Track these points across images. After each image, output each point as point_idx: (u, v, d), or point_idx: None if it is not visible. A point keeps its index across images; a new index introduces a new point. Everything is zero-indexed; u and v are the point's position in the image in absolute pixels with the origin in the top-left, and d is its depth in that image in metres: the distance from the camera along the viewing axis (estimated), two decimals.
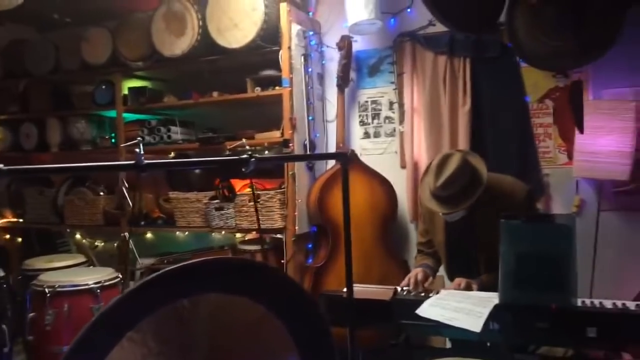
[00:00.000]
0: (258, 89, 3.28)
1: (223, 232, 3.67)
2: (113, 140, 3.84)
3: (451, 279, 2.47)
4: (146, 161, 1.32)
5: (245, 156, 1.42)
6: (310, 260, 3.39)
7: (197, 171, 3.63)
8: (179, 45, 3.25)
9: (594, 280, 2.89)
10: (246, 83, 3.31)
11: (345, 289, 2.30)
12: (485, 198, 2.24)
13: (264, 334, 1.56)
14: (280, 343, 1.57)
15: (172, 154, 3.71)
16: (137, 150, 1.32)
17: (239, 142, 1.24)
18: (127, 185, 3.57)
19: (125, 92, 3.71)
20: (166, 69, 3.55)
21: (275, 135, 3.26)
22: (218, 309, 1.51)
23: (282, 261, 3.27)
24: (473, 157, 2.33)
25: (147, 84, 3.76)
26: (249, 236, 3.66)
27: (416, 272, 2.41)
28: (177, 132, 3.53)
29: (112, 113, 3.74)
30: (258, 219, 1.82)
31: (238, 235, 3.68)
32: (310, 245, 3.47)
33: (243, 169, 1.44)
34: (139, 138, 3.47)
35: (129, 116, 3.80)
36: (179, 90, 3.61)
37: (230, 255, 3.54)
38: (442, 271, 2.64)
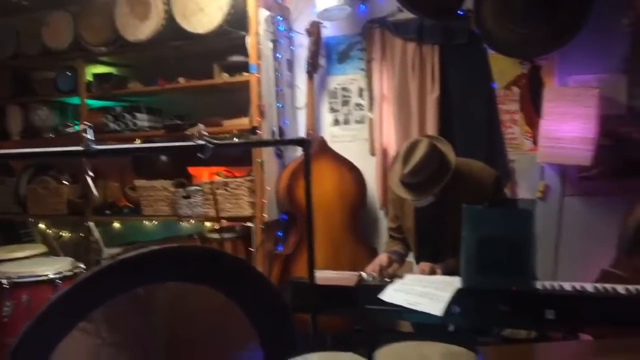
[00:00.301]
0: (225, 75, 3.23)
1: (192, 221, 3.63)
2: (77, 127, 3.73)
3: (419, 261, 2.49)
4: (97, 147, 1.28)
5: (201, 142, 1.38)
6: (281, 248, 3.37)
7: (163, 159, 3.56)
8: (143, 30, 3.17)
9: (557, 264, 2.94)
10: (213, 69, 3.25)
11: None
12: (453, 183, 2.25)
13: (225, 322, 1.55)
14: (241, 330, 1.56)
15: (138, 141, 3.64)
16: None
17: (196, 128, 1.21)
18: (91, 174, 3.47)
19: (89, 78, 3.61)
20: (131, 55, 3.46)
21: (243, 122, 3.22)
22: (176, 297, 1.49)
23: (251, 249, 3.25)
24: (441, 142, 2.34)
25: (112, 70, 3.66)
26: (218, 225, 3.62)
27: (380, 259, 2.41)
28: (143, 119, 3.46)
29: (76, 100, 3.64)
30: (217, 208, 1.78)
31: (207, 224, 3.64)
32: (280, 233, 3.45)
33: (200, 155, 1.41)
34: (108, 124, 3.39)
35: (93, 103, 3.70)
36: (145, 76, 3.52)
37: (198, 244, 3.49)
38: (411, 257, 2.65)
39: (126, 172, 3.79)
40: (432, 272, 2.26)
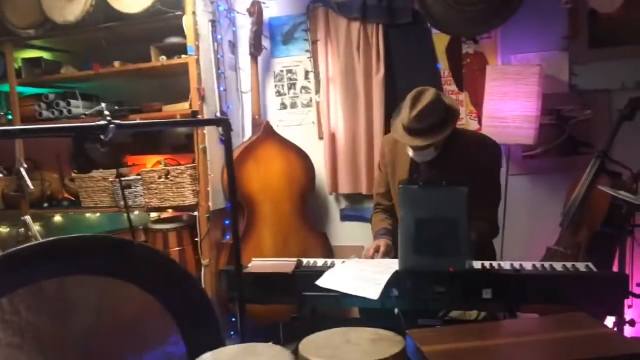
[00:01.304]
0: (163, 57, 3.09)
1: (136, 212, 3.49)
2: (10, 117, 3.53)
3: None
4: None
5: (102, 122, 1.27)
6: (228, 237, 3.28)
7: (102, 149, 3.39)
8: (71, 10, 2.99)
9: (503, 243, 2.95)
10: (150, 52, 3.11)
11: (250, 264, 2.23)
12: (457, 143, 2.22)
13: (140, 315, 1.45)
14: (159, 323, 1.47)
15: None
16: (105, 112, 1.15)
17: (97, 107, 1.10)
18: (25, 165, 3.30)
19: (19, 63, 3.40)
20: (61, 38, 3.27)
21: (183, 107, 3.09)
22: (85, 291, 1.38)
23: (196, 239, 3.15)
24: (444, 95, 2.29)
25: (43, 55, 3.46)
26: (164, 215, 3.50)
27: (378, 245, 2.29)
28: (78, 106, 3.29)
29: (5, 87, 3.43)
30: (124, 196, 1.67)
31: (153, 214, 3.51)
32: (227, 222, 3.36)
33: (102, 137, 1.30)
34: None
35: (24, 90, 3.50)
36: (79, 60, 3.35)
37: (142, 236, 3.37)
38: None
39: (64, 163, 3.61)
40: (387, 250, 2.22)
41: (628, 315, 2.52)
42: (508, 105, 2.80)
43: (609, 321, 2.44)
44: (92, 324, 1.38)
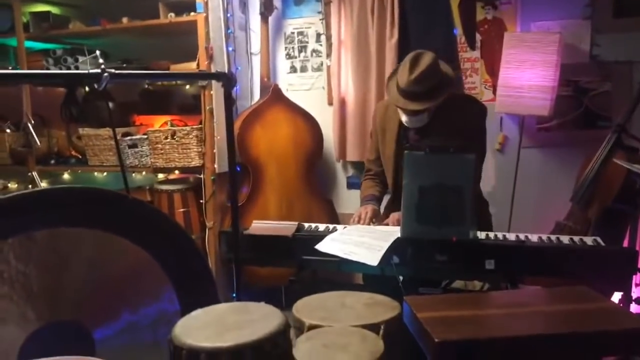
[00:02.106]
0: (171, 14, 3.02)
1: (143, 173, 3.48)
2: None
3: (394, 196, 2.40)
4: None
5: (96, 70, 1.23)
6: None
7: (110, 105, 3.37)
8: None
9: (512, 216, 2.89)
10: (159, 8, 3.03)
11: (251, 226, 2.21)
12: (444, 110, 2.19)
13: (131, 267, 1.44)
14: (150, 275, 1.45)
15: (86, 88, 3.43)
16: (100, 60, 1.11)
17: (92, 55, 1.07)
18: (32, 121, 3.28)
19: (27, 17, 3.35)
20: None
21: (191, 66, 3.03)
22: (77, 242, 1.37)
23: (201, 201, 3.13)
24: (440, 62, 2.25)
25: (51, 9, 3.40)
26: (172, 176, 3.48)
27: (366, 211, 2.29)
28: (86, 63, 3.24)
29: (13, 41, 3.39)
30: (119, 150, 1.64)
31: (160, 175, 3.49)
32: None
33: (95, 86, 1.26)
34: None
35: (33, 45, 3.46)
36: (87, 16, 3.29)
37: (147, 196, 3.36)
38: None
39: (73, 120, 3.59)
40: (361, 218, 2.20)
41: (635, 293, 2.48)
42: (525, 74, 2.70)
43: (616, 298, 2.39)
44: (85, 277, 1.37)
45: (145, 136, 3.14)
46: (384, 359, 1.17)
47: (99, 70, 1.24)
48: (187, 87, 3.48)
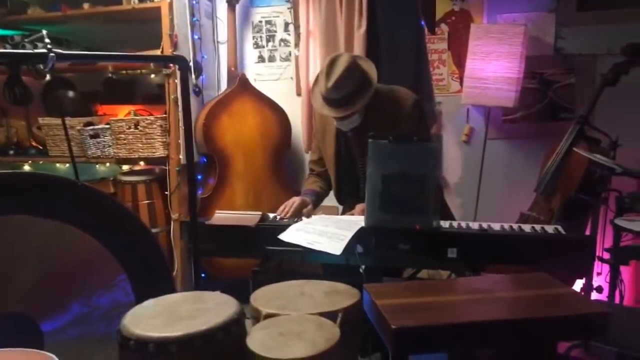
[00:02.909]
0: (135, 1, 2.93)
1: (107, 164, 3.40)
2: None
3: (339, 197, 2.40)
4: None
5: (42, 50, 1.17)
6: (200, 192, 3.20)
7: (71, 94, 3.27)
8: None
9: (477, 207, 2.91)
10: None
11: (213, 216, 2.17)
12: (376, 106, 2.14)
13: (83, 257, 1.38)
14: (103, 264, 1.40)
15: (48, 77, 3.31)
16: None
17: (38, 35, 1.01)
18: None
19: None
20: None
21: (155, 54, 2.95)
22: (26, 231, 1.31)
23: (166, 193, 3.06)
24: (362, 59, 2.21)
25: None
26: (137, 167, 3.40)
27: (293, 200, 2.28)
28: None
29: None
30: (69, 143, 1.58)
31: (125, 167, 3.41)
32: (199, 177, 3.27)
33: (41, 66, 1.20)
34: None
35: None
36: (47, 2, 3.17)
37: (111, 188, 3.28)
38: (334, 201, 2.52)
39: (33, 110, 3.48)
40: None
41: (596, 281, 2.53)
42: (490, 65, 2.72)
43: (577, 286, 2.43)
44: (32, 267, 1.31)
45: (108, 126, 3.05)
46: (339, 345, 1.14)
47: (44, 50, 1.18)
48: (152, 76, 3.39)
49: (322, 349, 1.07)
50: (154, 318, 1.11)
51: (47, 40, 1.17)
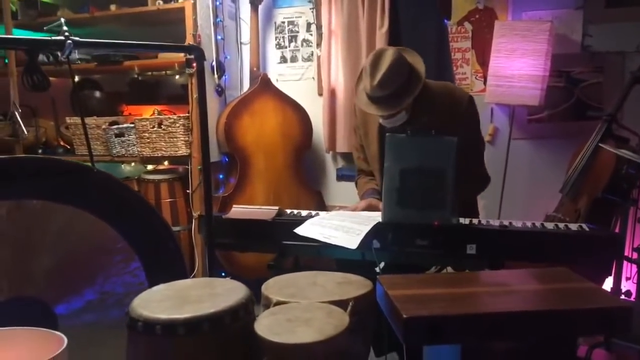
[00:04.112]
0: (160, 2, 2.99)
1: (132, 164, 3.45)
2: (6, 60, 3.46)
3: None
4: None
5: (59, 37, 1.19)
6: (222, 191, 3.23)
7: (97, 95, 3.35)
8: None
9: (501, 208, 2.85)
10: None
11: (230, 211, 2.17)
12: (425, 102, 2.04)
13: (97, 242, 1.40)
14: (117, 250, 1.41)
15: (77, 79, 3.40)
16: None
17: (57, 22, 1.04)
18: (19, 110, 3.25)
19: (15, 6, 3.32)
20: None
21: (179, 55, 3.00)
22: (41, 216, 1.33)
23: (188, 191, 3.10)
24: (408, 52, 2.08)
25: None
26: (161, 167, 3.45)
27: (365, 204, 2.16)
28: (74, 52, 3.20)
29: (1, 30, 3.35)
30: (88, 140, 1.60)
31: (150, 167, 3.46)
32: (221, 176, 3.30)
33: (59, 54, 1.22)
34: None
35: (21, 33, 3.42)
36: (76, 4, 3.26)
37: (135, 186, 3.32)
38: None
39: (61, 110, 3.57)
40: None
41: (625, 287, 2.43)
42: (515, 63, 2.67)
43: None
44: (47, 252, 1.33)
45: (132, 125, 3.10)
46: (348, 334, 1.12)
47: (62, 38, 1.20)
48: (177, 77, 3.45)
49: (330, 335, 1.05)
50: (163, 301, 1.11)
51: (64, 27, 1.19)
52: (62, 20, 1.17)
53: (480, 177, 2.21)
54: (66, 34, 1.20)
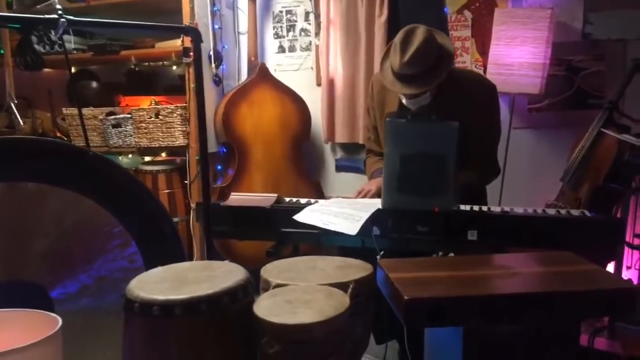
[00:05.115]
0: None
1: (130, 156, 3.43)
2: (1, 52, 3.43)
3: None
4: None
5: (53, 16, 1.17)
6: (220, 182, 3.20)
7: (94, 85, 3.32)
8: None
9: (501, 198, 2.83)
10: None
11: (229, 198, 2.15)
12: (449, 86, 2.01)
13: (94, 227, 1.38)
14: (114, 236, 1.39)
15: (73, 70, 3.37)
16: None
17: (49, 1, 1.02)
18: (15, 101, 3.22)
19: None
20: None
21: (176, 44, 2.99)
22: (36, 199, 1.30)
23: (186, 182, 3.07)
24: (437, 32, 2.05)
25: None
26: (158, 158, 3.42)
27: (370, 188, 2.13)
28: (70, 41, 3.18)
29: None
30: (84, 129, 1.57)
31: (147, 158, 3.44)
32: (219, 167, 3.28)
33: (53, 32, 1.20)
34: None
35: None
36: None
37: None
38: None
39: (58, 101, 3.54)
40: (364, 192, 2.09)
41: (627, 275, 2.42)
42: (515, 51, 2.64)
43: None
44: (42, 235, 1.31)
45: (129, 115, 3.08)
46: (349, 316, 1.10)
47: (55, 16, 1.18)
48: (174, 67, 3.42)
49: (330, 315, 1.03)
50: (160, 283, 1.09)
51: (58, 6, 1.17)
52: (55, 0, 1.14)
53: (489, 168, 2.20)
54: (59, 12, 1.17)
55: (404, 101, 2.08)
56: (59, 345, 1.00)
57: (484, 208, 1.89)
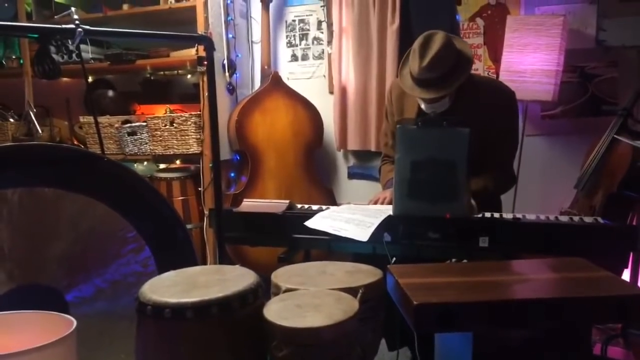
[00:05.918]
0: (171, 1, 3.01)
1: (145, 163, 3.48)
2: (21, 62, 3.51)
3: None
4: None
5: (70, 25, 1.20)
6: (233, 189, 3.23)
7: (110, 94, 3.38)
8: None
9: (515, 205, 2.81)
10: None
11: (241, 205, 2.17)
12: (469, 92, 2.03)
13: (108, 232, 1.40)
14: (126, 238, 1.42)
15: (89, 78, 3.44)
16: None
17: (67, 12, 1.05)
18: (34, 110, 3.29)
19: (30, 6, 3.37)
20: None
21: (190, 53, 3.03)
22: (51, 204, 1.33)
23: (200, 189, 3.11)
24: (456, 38, 2.08)
25: None
26: (173, 166, 3.47)
27: (384, 196, 2.13)
28: (87, 51, 3.24)
29: None
30: (100, 137, 1.61)
31: (162, 165, 3.48)
32: (232, 174, 3.31)
33: (70, 42, 1.24)
34: None
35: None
36: (89, 3, 3.30)
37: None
38: None
39: (75, 109, 3.61)
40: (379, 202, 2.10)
41: None
42: (527, 58, 2.64)
43: None
44: (58, 240, 1.33)
45: (145, 123, 3.12)
46: (358, 320, 1.11)
47: (72, 26, 1.21)
48: (189, 76, 3.47)
49: (340, 320, 1.04)
50: (172, 286, 1.11)
51: (75, 17, 1.20)
52: (73, 9, 1.17)
53: (506, 174, 2.19)
54: (77, 22, 1.21)
55: (422, 106, 2.09)
56: (73, 346, 1.02)
57: (496, 215, 1.89)
